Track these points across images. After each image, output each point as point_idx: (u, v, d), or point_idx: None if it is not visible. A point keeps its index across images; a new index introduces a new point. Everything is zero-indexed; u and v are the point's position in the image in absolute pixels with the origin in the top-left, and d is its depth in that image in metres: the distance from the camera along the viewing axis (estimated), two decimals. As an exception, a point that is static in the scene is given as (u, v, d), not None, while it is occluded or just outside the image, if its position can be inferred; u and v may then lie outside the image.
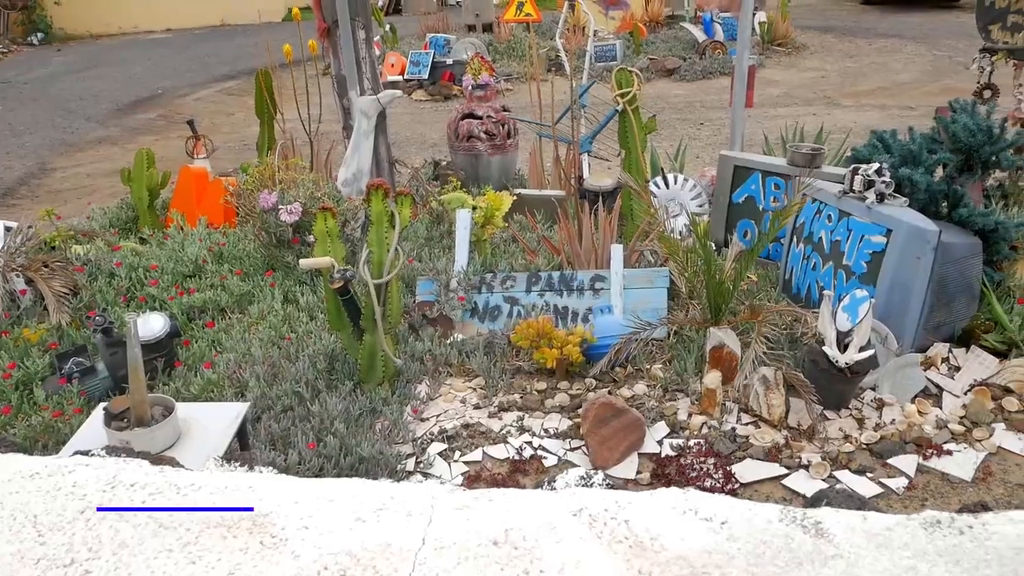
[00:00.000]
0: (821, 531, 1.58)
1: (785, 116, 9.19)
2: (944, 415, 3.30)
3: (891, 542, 1.52)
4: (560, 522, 1.67)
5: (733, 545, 1.57)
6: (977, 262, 3.65)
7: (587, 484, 2.87)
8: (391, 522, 1.70)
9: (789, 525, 1.61)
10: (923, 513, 1.62)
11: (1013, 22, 4.20)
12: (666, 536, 1.60)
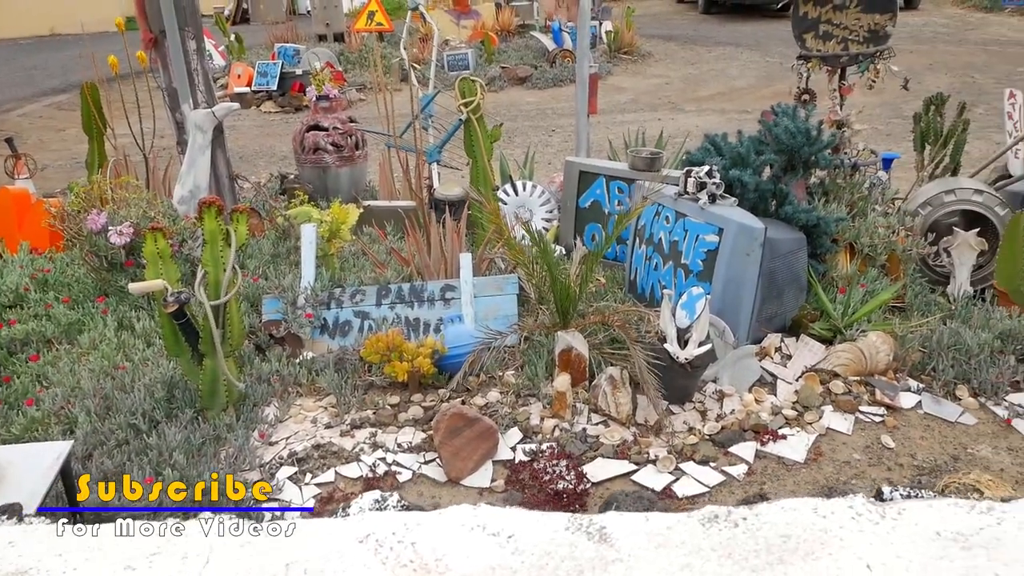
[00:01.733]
0: (605, 536, 1.61)
1: (632, 121, 9.51)
2: (778, 402, 3.48)
3: (670, 541, 1.57)
4: (347, 550, 1.64)
5: (518, 559, 1.57)
6: (803, 256, 3.89)
7: (381, 508, 2.82)
8: (164, 567, 1.61)
9: (575, 533, 1.63)
10: (704, 509, 1.69)
11: (824, 31, 4.51)
12: (452, 556, 1.59)
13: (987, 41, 15.30)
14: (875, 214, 4.38)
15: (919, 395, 3.58)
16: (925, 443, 3.32)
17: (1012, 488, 2.96)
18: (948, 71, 12.47)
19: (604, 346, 3.61)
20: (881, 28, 4.48)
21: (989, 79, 11.41)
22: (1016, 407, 3.49)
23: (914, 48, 14.76)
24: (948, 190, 4.50)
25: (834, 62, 4.57)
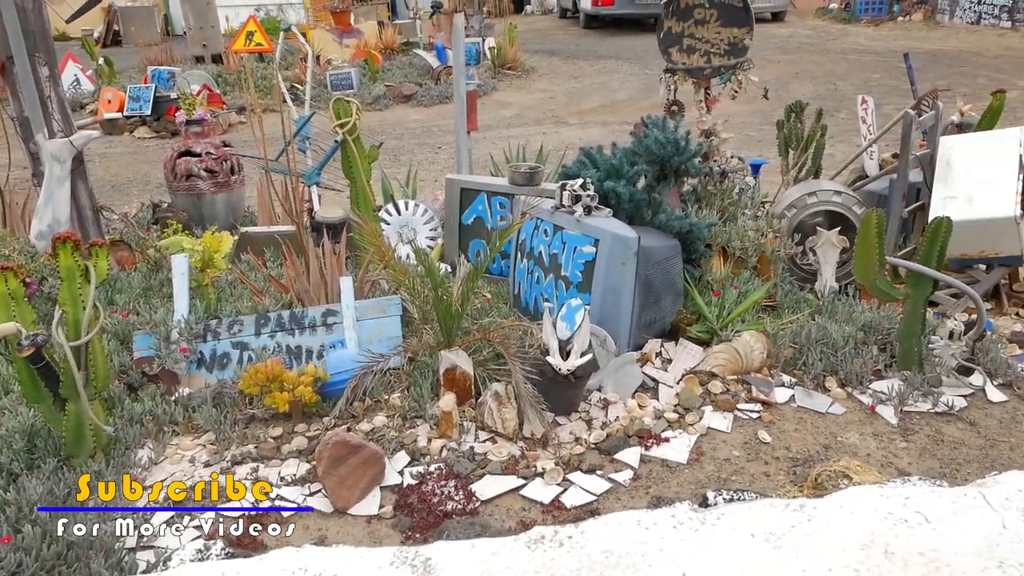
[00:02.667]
0: (429, 568, 1.61)
1: (518, 136, 9.63)
2: (661, 405, 3.56)
3: (494, 568, 1.58)
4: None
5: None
6: (678, 262, 4.01)
7: (203, 557, 2.75)
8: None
9: (399, 568, 1.62)
10: (532, 530, 1.70)
11: (688, 45, 4.69)
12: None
13: (847, 50, 16.27)
14: (745, 218, 4.56)
15: (792, 389, 3.73)
16: (799, 435, 3.47)
17: (878, 471, 3.12)
18: (813, 79, 13.17)
19: (489, 362, 3.62)
20: (740, 41, 4.68)
21: (849, 86, 12.11)
22: (879, 394, 3.69)
23: (782, 58, 15.54)
24: (810, 192, 4.74)
25: (698, 74, 4.75)
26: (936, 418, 3.60)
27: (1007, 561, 1.40)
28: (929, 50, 16.00)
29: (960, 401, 3.69)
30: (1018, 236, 4.28)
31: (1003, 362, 3.92)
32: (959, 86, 11.60)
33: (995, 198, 4.30)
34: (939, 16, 20.09)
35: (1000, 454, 3.35)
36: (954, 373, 3.80)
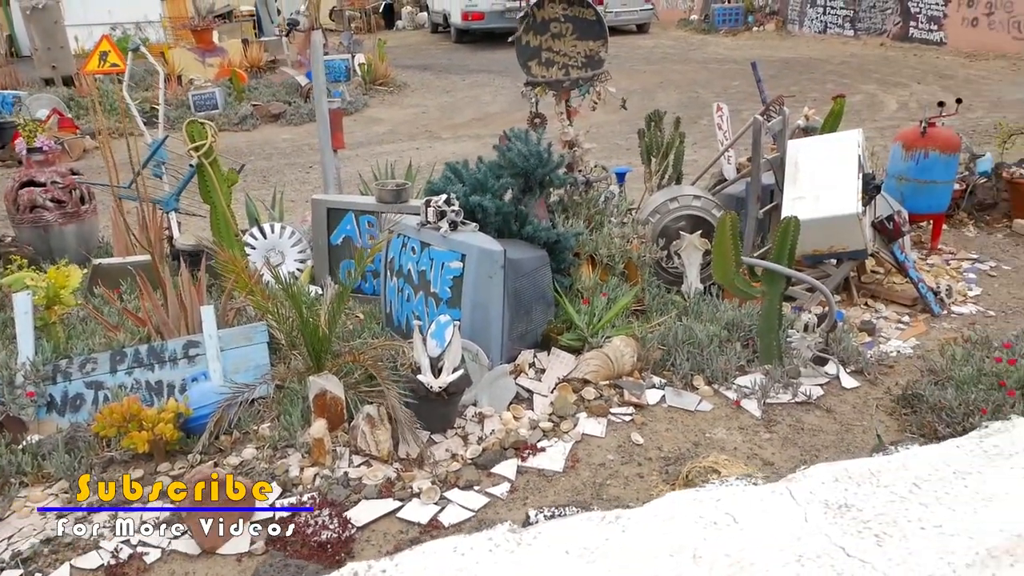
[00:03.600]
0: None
1: (391, 152, 9.54)
2: (536, 416, 3.59)
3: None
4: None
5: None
6: (547, 272, 4.05)
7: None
8: None
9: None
10: (344, 567, 1.67)
11: (547, 58, 4.77)
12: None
13: (707, 60, 17.00)
14: (611, 225, 4.67)
15: (662, 390, 3.84)
16: (670, 434, 3.56)
17: (744, 464, 3.24)
18: (676, 87, 13.68)
19: (361, 384, 3.54)
20: (596, 54, 4.80)
21: (710, 93, 12.64)
22: (743, 388, 3.85)
23: (647, 68, 16.08)
24: (672, 198, 4.90)
25: (558, 87, 4.84)
26: (796, 408, 3.78)
27: (806, 555, 1.47)
28: (782, 58, 16.92)
29: (817, 390, 3.89)
30: (862, 232, 4.56)
31: (854, 350, 4.16)
32: (810, 91, 12.32)
33: (839, 197, 4.57)
34: (790, 26, 21.30)
35: (854, 438, 3.55)
36: (811, 364, 4.01)
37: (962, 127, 9.25)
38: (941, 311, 4.78)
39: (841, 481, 1.71)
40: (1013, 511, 1.61)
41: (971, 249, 5.86)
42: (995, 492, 1.67)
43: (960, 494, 1.67)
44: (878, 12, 18.73)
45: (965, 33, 16.72)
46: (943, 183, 5.62)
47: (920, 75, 14.21)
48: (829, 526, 1.55)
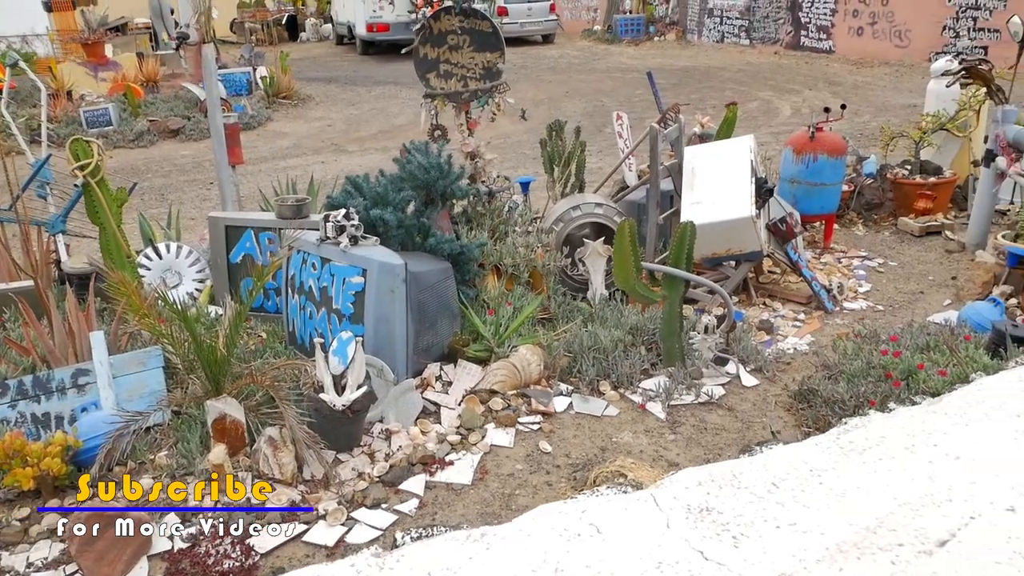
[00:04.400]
0: None
1: (295, 167, 9.37)
2: (443, 429, 3.56)
3: None
4: None
5: None
6: (451, 284, 4.04)
7: None
8: None
9: None
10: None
11: (445, 71, 4.77)
12: None
13: (611, 69, 17.35)
14: (516, 235, 4.69)
15: (569, 397, 3.87)
16: (578, 441, 3.59)
17: (650, 466, 3.30)
18: (582, 96, 13.90)
19: (263, 406, 3.45)
20: (493, 65, 4.83)
21: (615, 102, 12.89)
22: (648, 392, 3.91)
23: (553, 78, 16.30)
24: (575, 206, 4.97)
25: (457, 98, 4.84)
26: (700, 408, 3.87)
27: (666, 560, 1.51)
28: (683, 67, 17.42)
29: (719, 390, 3.99)
30: (756, 234, 4.72)
31: (754, 349, 4.29)
32: (710, 99, 12.71)
33: (734, 201, 4.72)
34: (689, 36, 21.96)
35: (755, 434, 3.66)
36: (712, 364, 4.12)
37: (850, 131, 9.71)
38: (834, 308, 4.99)
39: (704, 485, 1.76)
40: (863, 505, 1.68)
41: (861, 247, 6.14)
42: (847, 487, 1.74)
43: (815, 491, 1.73)
44: (771, 22, 19.49)
45: (852, 42, 17.57)
46: (832, 185, 5.88)
47: (812, 82, 14.85)
48: (690, 531, 1.58)
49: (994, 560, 1.57)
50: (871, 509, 1.71)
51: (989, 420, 2.08)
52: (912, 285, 5.43)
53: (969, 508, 1.73)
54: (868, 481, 1.78)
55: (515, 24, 21.84)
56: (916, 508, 1.72)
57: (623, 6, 23.25)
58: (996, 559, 1.57)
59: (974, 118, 6.62)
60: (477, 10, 4.71)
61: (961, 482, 1.82)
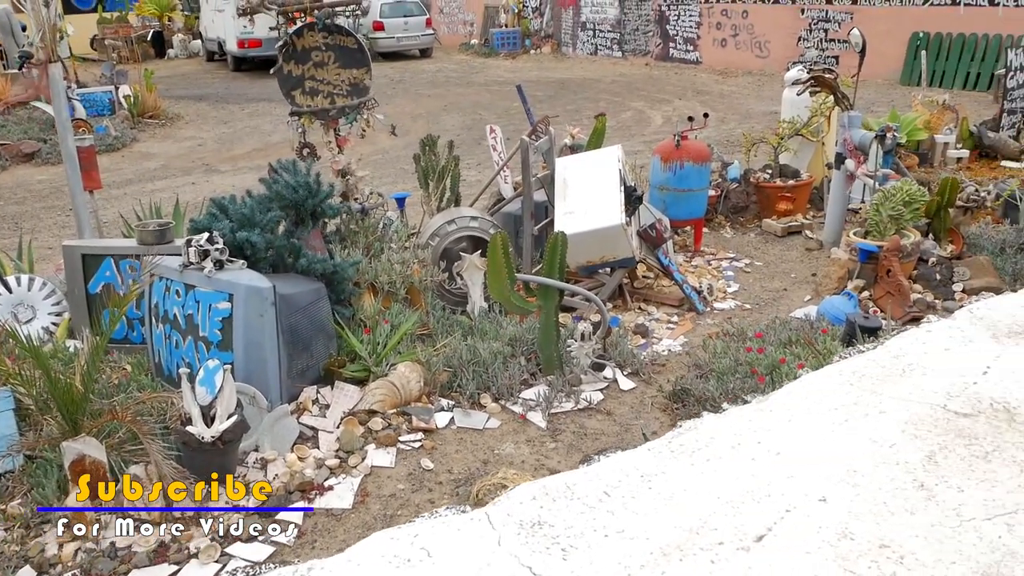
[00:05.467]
0: None
1: (164, 189, 9.00)
2: (322, 454, 3.48)
3: None
4: None
5: None
6: (325, 305, 3.96)
7: None
8: None
9: None
10: None
11: (311, 87, 4.69)
12: None
13: (489, 82, 17.50)
14: (391, 252, 4.65)
15: (451, 412, 3.86)
16: (460, 456, 3.59)
17: (532, 475, 3.32)
18: (460, 110, 13.97)
19: (127, 443, 3.27)
20: (360, 81, 4.79)
21: (493, 115, 13.00)
22: (528, 402, 3.95)
23: (431, 92, 16.30)
24: (450, 220, 4.97)
25: (324, 116, 4.77)
26: (579, 414, 3.93)
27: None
28: (558, 79, 17.77)
29: (598, 395, 4.08)
30: (628, 241, 4.85)
31: (630, 353, 4.40)
32: (585, 110, 13.00)
33: (605, 209, 4.84)
34: (564, 49, 22.43)
35: (633, 437, 3.74)
36: (590, 371, 4.19)
37: (718, 138, 10.15)
38: (705, 309, 5.18)
39: (538, 499, 1.78)
40: (689, 507, 1.75)
41: (729, 249, 6.41)
42: (675, 490, 1.81)
43: (645, 496, 1.78)
44: (641, 35, 20.17)
45: (717, 53, 18.39)
46: (699, 190, 6.12)
47: (681, 91, 15.45)
48: (520, 546, 1.60)
49: (804, 550, 1.65)
50: (696, 510, 1.77)
51: (810, 415, 2.20)
52: (776, 283, 5.71)
53: (785, 502, 1.82)
54: (695, 482, 1.85)
55: (392, 39, 21.74)
56: (737, 506, 1.80)
57: (499, 20, 23.52)
58: (806, 549, 1.66)
59: (826, 124, 7.04)
60: (341, 26, 4.65)
61: (780, 477, 1.92)
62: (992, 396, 2.30)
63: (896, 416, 2.18)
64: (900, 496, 1.83)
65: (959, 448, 2.04)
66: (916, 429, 2.12)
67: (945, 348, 2.65)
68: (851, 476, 1.90)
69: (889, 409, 2.22)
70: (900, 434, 2.10)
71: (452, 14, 26.26)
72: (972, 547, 1.65)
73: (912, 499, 1.82)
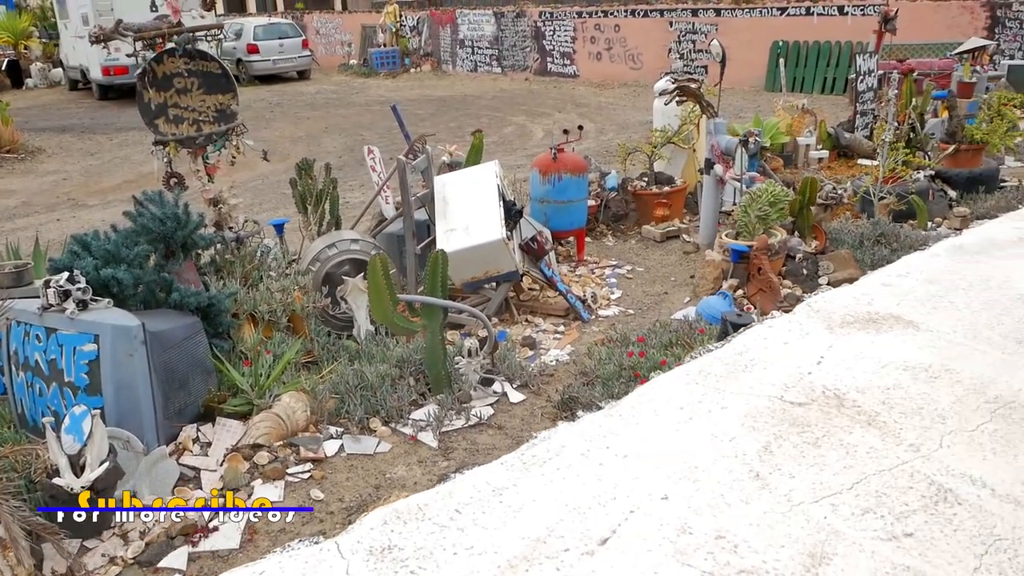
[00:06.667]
0: None
1: (26, 227, 8.50)
2: (205, 494, 3.35)
3: None
4: None
5: None
6: (201, 339, 3.83)
7: None
8: None
9: None
10: None
11: (175, 115, 4.53)
12: None
13: (370, 102, 17.39)
14: (270, 280, 4.54)
15: (340, 439, 3.79)
16: (351, 483, 3.52)
17: (426, 495, 3.30)
18: (342, 131, 13.80)
19: (-12, 502, 3.06)
20: (227, 107, 4.66)
21: (375, 135, 12.93)
22: (419, 422, 3.92)
23: (311, 114, 16.06)
24: (331, 244, 4.90)
25: (191, 143, 4.62)
26: (470, 431, 3.93)
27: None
28: (440, 96, 17.84)
29: (488, 410, 4.09)
30: (510, 255, 4.90)
31: (518, 365, 4.44)
32: (467, 126, 13.06)
33: (485, 225, 4.87)
34: (444, 66, 22.56)
35: (524, 449, 3.78)
36: (479, 386, 4.20)
37: (597, 148, 10.41)
38: (590, 317, 5.29)
39: (389, 523, 1.78)
40: (537, 517, 1.78)
41: (611, 256, 6.57)
42: (525, 502, 1.84)
43: (495, 511, 1.81)
44: (519, 50, 20.51)
45: (593, 66, 18.90)
46: (578, 201, 6.25)
47: (561, 105, 15.78)
48: (368, 573, 1.60)
49: (646, 549, 1.71)
50: (543, 519, 1.80)
51: (657, 416, 2.28)
52: (658, 287, 5.89)
53: (630, 503, 1.88)
54: (544, 492, 1.88)
55: (267, 61, 21.30)
56: (584, 511, 1.84)
57: (377, 40, 23.43)
58: (648, 547, 1.71)
59: (695, 131, 7.33)
60: (203, 51, 4.52)
61: (626, 479, 1.98)
62: (824, 384, 2.45)
63: (736, 410, 2.29)
64: (737, 487, 1.91)
65: (793, 436, 2.15)
66: (754, 421, 2.23)
67: (784, 342, 2.79)
68: (692, 472, 1.98)
69: (730, 404, 2.32)
70: (739, 427, 2.19)
71: (329, 35, 26.00)
72: (800, 529, 1.75)
73: (748, 489, 1.90)
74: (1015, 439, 2.13)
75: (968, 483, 1.94)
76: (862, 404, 2.33)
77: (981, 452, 2.08)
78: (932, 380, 2.49)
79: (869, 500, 1.87)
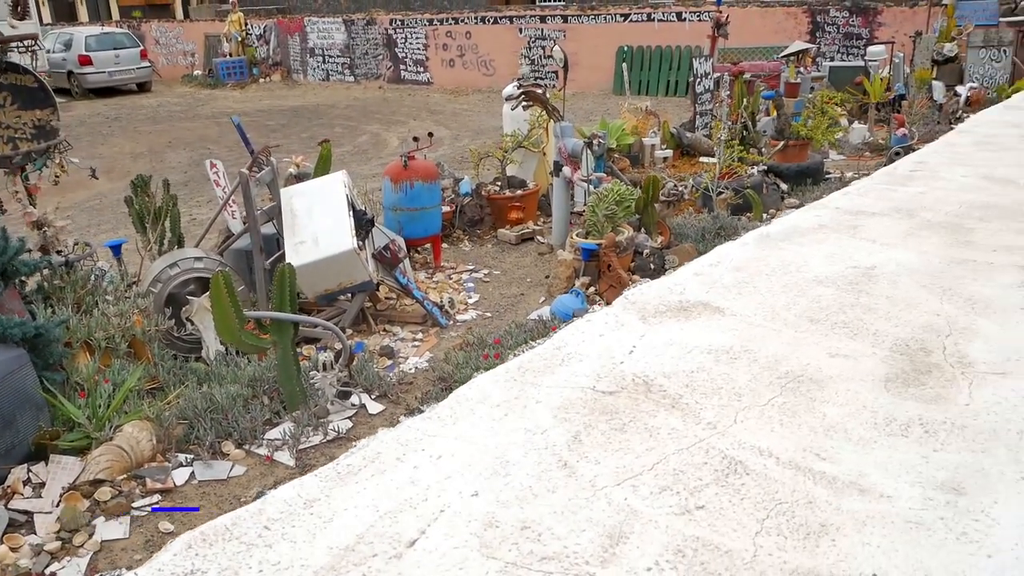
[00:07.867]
0: None
1: None
2: (40, 538, 3.13)
3: None
4: None
5: None
6: (28, 373, 3.57)
7: None
8: None
9: None
10: None
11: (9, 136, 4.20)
12: None
13: (217, 114, 16.74)
14: (106, 304, 4.29)
15: (191, 466, 3.63)
16: (205, 511, 3.38)
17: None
18: (187, 145, 13.22)
19: None
20: (47, 123, 4.37)
21: (223, 148, 12.46)
22: (274, 442, 3.81)
23: (153, 128, 15.30)
24: (173, 263, 4.69)
25: (7, 163, 4.30)
26: (329, 446, 3.85)
27: None
28: (292, 106, 17.41)
29: (346, 423, 4.02)
30: (363, 265, 4.85)
31: (376, 376, 4.39)
32: (320, 136, 12.81)
33: (335, 236, 4.80)
34: (295, 75, 22.03)
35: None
36: (336, 400, 4.13)
37: (453, 155, 10.46)
38: (448, 322, 5.30)
39: (194, 546, 1.75)
40: (348, 526, 1.80)
41: (468, 261, 6.62)
42: (336, 512, 1.85)
43: (305, 524, 1.81)
44: (371, 58, 20.31)
45: (446, 73, 18.97)
46: (432, 208, 6.26)
47: (415, 112, 15.75)
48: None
49: (453, 546, 1.75)
50: (354, 528, 1.80)
51: (474, 415, 2.32)
52: (514, 289, 5.99)
53: (441, 503, 1.91)
54: (357, 500, 1.89)
55: (102, 73, 20.13)
56: (395, 515, 1.86)
57: (222, 49, 22.58)
58: (455, 544, 1.75)
59: (545, 135, 7.50)
60: (16, 64, 4.22)
61: (439, 480, 2.00)
62: (634, 372, 2.56)
63: (550, 404, 2.36)
64: (545, 478, 1.98)
65: (601, 424, 2.24)
66: (567, 413, 2.31)
67: (600, 334, 2.90)
68: (503, 467, 2.03)
69: (545, 399, 2.39)
70: (552, 420, 2.27)
71: (170, 45, 24.84)
72: (601, 512, 1.83)
73: (555, 479, 1.97)
74: (800, 410, 2.31)
75: (756, 454, 2.08)
76: (667, 388, 2.45)
77: (769, 424, 2.24)
78: (732, 361, 2.66)
79: (667, 479, 1.98)
